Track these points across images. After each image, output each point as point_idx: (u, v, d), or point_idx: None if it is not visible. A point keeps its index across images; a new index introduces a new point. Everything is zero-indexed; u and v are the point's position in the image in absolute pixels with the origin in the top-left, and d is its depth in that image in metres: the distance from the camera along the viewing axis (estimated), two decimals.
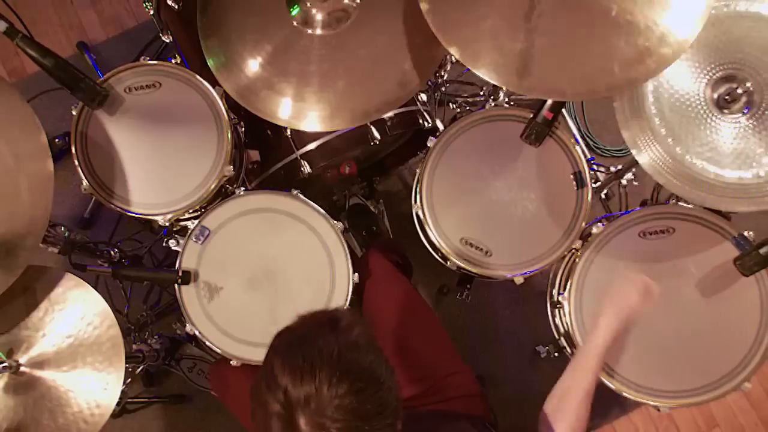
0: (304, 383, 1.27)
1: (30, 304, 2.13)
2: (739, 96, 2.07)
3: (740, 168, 2.08)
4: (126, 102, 2.31)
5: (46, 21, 3.54)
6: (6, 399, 2.06)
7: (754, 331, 2.15)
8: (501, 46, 1.87)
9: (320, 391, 1.26)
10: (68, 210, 3.28)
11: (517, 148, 2.30)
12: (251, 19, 2.16)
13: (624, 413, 3.15)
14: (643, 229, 2.22)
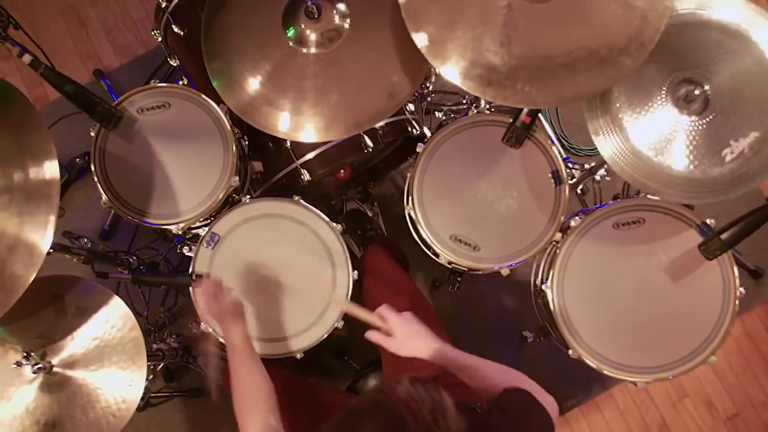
0: None
1: (59, 310, 2.15)
2: (697, 97, 2.06)
3: (700, 163, 2.08)
4: (139, 122, 2.32)
5: (64, 51, 3.55)
6: (42, 396, 2.09)
7: (718, 309, 2.17)
8: (475, 57, 1.87)
9: None
10: (90, 223, 3.27)
11: (499, 151, 2.30)
12: (250, 42, 2.17)
13: (605, 389, 3.15)
14: (616, 220, 2.22)
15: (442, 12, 1.90)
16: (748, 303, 3.21)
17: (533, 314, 2.46)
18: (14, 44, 2.02)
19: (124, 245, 3.20)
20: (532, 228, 2.26)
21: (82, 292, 2.18)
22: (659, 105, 2.10)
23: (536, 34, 1.89)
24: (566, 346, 2.19)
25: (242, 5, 2.21)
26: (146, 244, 3.14)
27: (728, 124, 2.06)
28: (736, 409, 3.17)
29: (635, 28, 1.85)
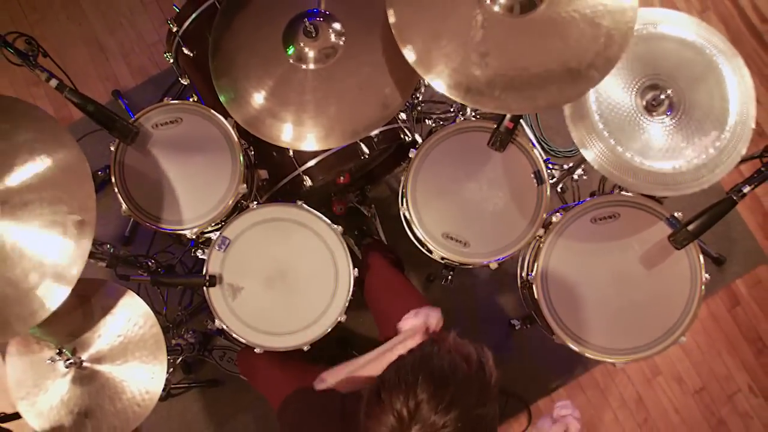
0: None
1: (87, 311, 2.17)
2: (663, 101, 2.14)
3: (668, 160, 2.13)
4: (154, 136, 2.32)
5: (86, 75, 3.56)
6: (74, 389, 2.12)
7: (686, 294, 2.19)
8: (457, 68, 1.88)
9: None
10: (111, 230, 3.29)
11: (485, 154, 2.30)
12: (254, 60, 2.17)
13: (586, 370, 3.16)
14: (593, 215, 2.23)
15: (427, 29, 1.91)
16: (712, 287, 3.23)
17: (520, 304, 2.47)
18: (43, 70, 2.04)
19: (143, 250, 3.20)
20: (518, 225, 2.26)
21: (107, 294, 2.19)
22: (631, 109, 2.16)
23: (513, 47, 1.89)
24: (551, 332, 2.20)
25: (246, 27, 2.22)
26: (163, 248, 3.15)
27: (691, 124, 2.15)
28: (702, 383, 3.20)
29: (602, 44, 1.87)
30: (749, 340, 3.25)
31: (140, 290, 2.27)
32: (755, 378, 3.21)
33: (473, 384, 1.37)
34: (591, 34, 1.87)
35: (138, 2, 3.67)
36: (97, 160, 2.90)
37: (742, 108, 2.15)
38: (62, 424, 2.11)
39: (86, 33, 3.62)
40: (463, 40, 1.89)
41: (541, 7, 1.90)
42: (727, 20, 3.57)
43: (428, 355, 1.42)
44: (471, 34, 1.90)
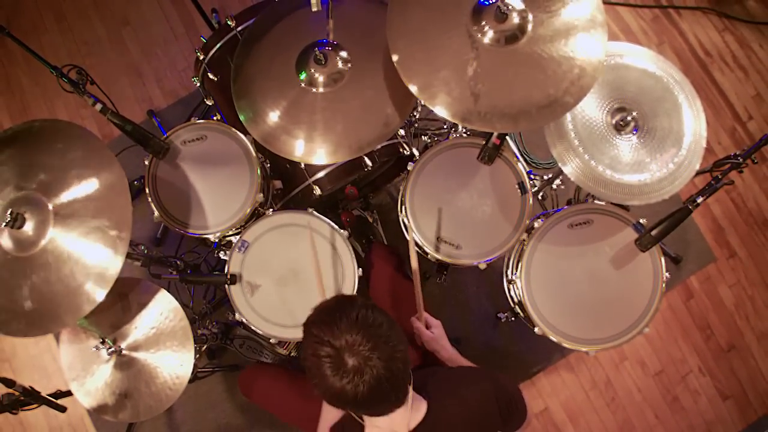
0: (342, 337, 1.38)
1: (125, 306, 2.19)
2: (629, 122, 2.14)
3: (635, 173, 2.13)
4: (182, 152, 2.32)
5: (125, 97, 3.55)
6: (116, 373, 2.16)
7: (650, 291, 2.18)
8: (451, 91, 1.87)
9: (353, 339, 1.38)
10: (145, 233, 3.26)
11: (474, 167, 2.28)
12: (270, 84, 2.16)
13: (563, 357, 3.15)
14: (570, 221, 2.21)
15: (426, 64, 1.90)
16: (670, 283, 3.24)
17: (506, 299, 2.44)
18: (90, 96, 2.10)
19: (172, 251, 3.17)
20: (504, 229, 2.23)
21: (142, 290, 2.20)
22: (603, 127, 2.16)
23: (500, 76, 1.88)
24: (533, 325, 2.17)
25: (264, 55, 2.20)
26: (190, 249, 3.13)
27: (654, 142, 2.16)
28: (661, 366, 3.21)
29: (576, 76, 1.88)
30: (700, 328, 3.26)
31: (170, 287, 2.26)
32: (704, 360, 3.22)
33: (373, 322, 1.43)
34: (567, 65, 1.88)
35: (171, 34, 3.66)
36: (134, 170, 2.88)
37: (695, 129, 2.17)
38: (106, 403, 2.15)
39: (127, 62, 3.63)
40: (459, 70, 1.88)
41: (523, 40, 1.90)
42: (679, 52, 3.60)
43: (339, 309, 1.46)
44: (465, 65, 1.88)
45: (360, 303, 1.46)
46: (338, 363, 1.37)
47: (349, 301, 1.48)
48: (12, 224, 1.86)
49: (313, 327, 1.43)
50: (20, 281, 1.88)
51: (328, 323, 1.41)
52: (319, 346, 1.39)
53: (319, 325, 1.42)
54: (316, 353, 1.39)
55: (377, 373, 1.37)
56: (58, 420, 3.13)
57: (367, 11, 2.22)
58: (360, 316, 1.41)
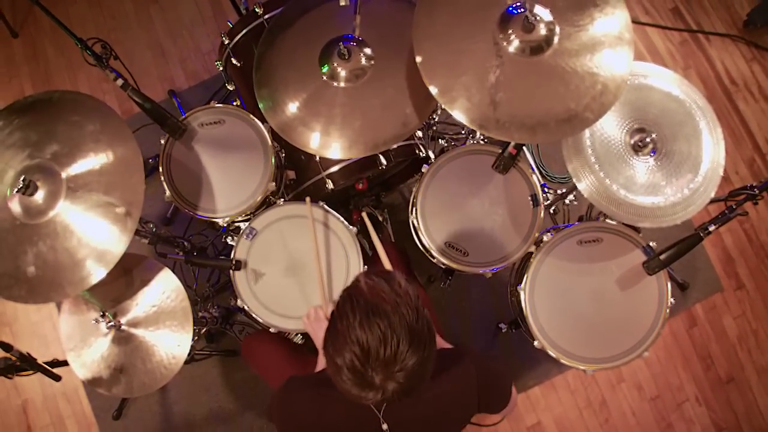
0: (386, 348, 1.23)
1: (129, 282, 2.21)
2: (648, 143, 2.12)
3: (649, 195, 2.11)
4: (199, 134, 2.32)
5: (148, 74, 3.57)
6: (113, 347, 2.18)
7: (653, 315, 2.16)
8: (471, 96, 1.85)
9: (397, 356, 1.24)
10: (156, 211, 3.27)
11: (489, 175, 2.27)
12: (292, 74, 2.15)
13: (560, 373, 3.14)
14: (580, 238, 2.20)
15: (449, 67, 1.88)
16: (675, 309, 3.22)
17: (508, 310, 2.45)
18: (112, 71, 2.09)
19: (180, 231, 3.17)
20: (512, 240, 2.22)
21: (147, 268, 2.22)
22: (620, 147, 2.14)
23: (522, 86, 1.87)
24: (532, 338, 2.16)
25: (288, 45, 2.19)
26: (198, 232, 3.13)
27: (671, 166, 2.13)
28: (658, 392, 3.18)
29: (598, 92, 1.86)
30: (701, 357, 3.23)
31: (175, 267, 2.26)
32: (701, 389, 3.19)
33: (399, 311, 1.28)
34: (590, 81, 1.86)
35: (198, 16, 3.68)
36: (149, 149, 2.89)
37: (714, 156, 2.15)
38: (101, 376, 2.17)
39: (152, 39, 3.65)
40: (481, 77, 1.87)
41: (548, 52, 1.88)
42: (705, 78, 3.57)
43: (352, 304, 1.31)
44: (487, 72, 1.87)
45: (416, 304, 1.31)
46: (362, 380, 1.26)
47: (406, 301, 1.30)
48: (24, 191, 1.87)
49: (353, 312, 1.28)
50: (26, 247, 1.89)
51: (371, 322, 1.26)
52: (348, 345, 1.26)
53: (361, 318, 1.27)
54: (342, 348, 1.27)
55: (397, 389, 1.27)
56: (53, 388, 3.15)
57: (394, 10, 2.21)
58: (412, 326, 1.27)
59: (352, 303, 1.31)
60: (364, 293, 1.32)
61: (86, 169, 1.92)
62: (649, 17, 3.62)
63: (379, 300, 1.29)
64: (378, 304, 1.28)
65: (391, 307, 1.27)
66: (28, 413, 3.15)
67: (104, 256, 1.87)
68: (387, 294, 1.30)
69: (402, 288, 1.32)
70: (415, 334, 1.26)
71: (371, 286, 1.33)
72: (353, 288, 1.36)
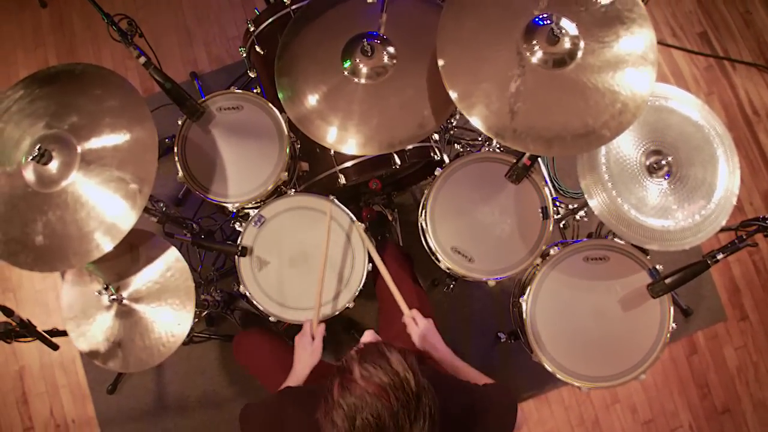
0: None
1: (134, 257, 2.22)
2: (663, 166, 2.12)
3: (659, 218, 2.10)
4: (216, 118, 2.33)
5: (172, 55, 3.60)
6: (114, 320, 2.19)
7: (653, 339, 2.16)
8: (490, 104, 1.85)
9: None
10: (168, 191, 3.29)
11: (501, 184, 2.26)
12: (313, 67, 2.15)
13: (556, 388, 3.13)
14: (587, 255, 2.19)
15: (471, 73, 1.88)
16: (676, 335, 3.16)
17: (508, 320, 2.44)
18: (135, 48, 2.09)
19: (190, 213, 3.18)
20: (519, 251, 2.21)
21: (153, 245, 2.23)
22: (635, 167, 2.13)
23: (541, 97, 1.86)
24: (530, 350, 2.16)
25: (312, 37, 2.20)
26: (208, 215, 3.14)
27: (684, 191, 2.13)
28: (652, 416, 3.17)
29: (617, 110, 1.84)
30: (698, 385, 3.22)
31: (182, 248, 2.26)
32: (696, 418, 3.18)
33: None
34: (610, 99, 1.85)
35: (227, 1, 3.71)
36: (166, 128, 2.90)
37: (728, 185, 2.14)
38: (99, 349, 2.19)
39: (179, 20, 3.67)
40: (501, 85, 1.86)
41: (571, 66, 1.87)
42: (727, 105, 3.55)
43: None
44: (508, 81, 1.86)
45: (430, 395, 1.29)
46: None
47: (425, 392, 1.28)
48: (38, 159, 1.88)
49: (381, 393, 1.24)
50: (36, 216, 1.91)
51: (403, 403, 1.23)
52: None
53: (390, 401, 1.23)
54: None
55: None
56: (50, 357, 3.17)
57: (421, 12, 2.21)
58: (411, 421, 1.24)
59: (342, 391, 1.27)
60: (358, 386, 1.26)
61: (102, 144, 1.94)
62: (676, 40, 3.60)
63: (375, 399, 1.24)
64: (373, 404, 1.23)
65: (388, 410, 1.22)
66: (24, 380, 3.18)
67: (112, 230, 1.88)
68: (384, 391, 1.25)
69: (401, 376, 1.26)
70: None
71: (366, 377, 1.27)
72: (346, 377, 1.29)
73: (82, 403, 3.15)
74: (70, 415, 3.15)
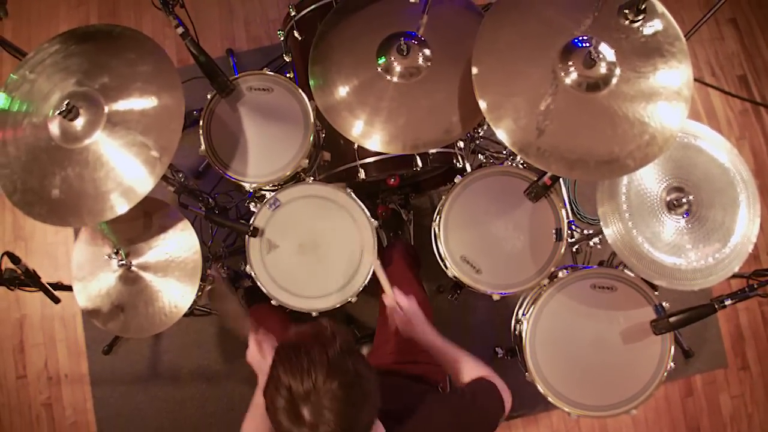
0: (305, 382, 1.26)
1: (147, 225, 2.25)
2: (683, 204, 2.10)
3: (672, 255, 2.08)
4: (245, 97, 2.34)
5: (211, 29, 3.62)
6: (119, 285, 2.22)
7: (649, 376, 2.14)
8: (518, 119, 1.84)
9: (317, 387, 1.26)
10: (189, 162, 3.32)
11: (519, 200, 2.25)
12: (348, 59, 2.15)
13: (546, 410, 3.12)
14: (595, 282, 2.17)
15: (502, 84, 1.87)
16: (674, 374, 3.10)
17: (508, 335, 2.42)
18: (175, 18, 2.10)
19: (208, 188, 3.21)
20: (528, 269, 2.21)
21: (167, 215, 2.25)
22: (655, 201, 2.12)
23: (570, 118, 1.85)
24: (525, 369, 2.15)
25: (350, 30, 2.20)
26: (225, 191, 3.16)
27: (701, 231, 2.11)
28: None
29: (645, 142, 1.83)
30: (689, 428, 3.19)
31: (194, 221, 2.27)
32: None
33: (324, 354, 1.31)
34: (638, 129, 1.84)
35: None
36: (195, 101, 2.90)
37: (746, 232, 2.12)
38: (101, 309, 2.22)
39: None
40: (532, 102, 1.85)
41: (604, 91, 1.86)
42: (757, 152, 3.52)
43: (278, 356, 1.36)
44: (540, 99, 1.85)
45: (341, 343, 1.34)
46: (294, 412, 1.28)
47: (327, 338, 1.35)
48: (65, 114, 1.90)
49: (279, 359, 1.34)
50: (55, 169, 1.92)
51: (293, 361, 1.31)
52: (277, 393, 1.29)
53: (284, 360, 1.32)
54: (273, 400, 1.31)
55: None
56: (52, 310, 3.20)
57: (462, 19, 2.20)
58: (332, 359, 1.30)
59: (278, 350, 1.37)
60: (290, 339, 1.37)
61: (129, 107, 1.95)
62: (714, 79, 3.57)
63: (301, 341, 1.34)
64: (299, 344, 1.33)
65: (311, 346, 1.31)
66: (24, 328, 3.22)
67: (128, 193, 1.89)
68: (309, 336, 1.35)
69: (328, 331, 1.36)
70: (336, 368, 1.28)
71: (298, 332, 1.39)
72: (284, 340, 1.41)
73: (76, 360, 3.18)
74: (63, 369, 3.18)
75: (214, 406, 3.10)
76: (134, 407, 3.11)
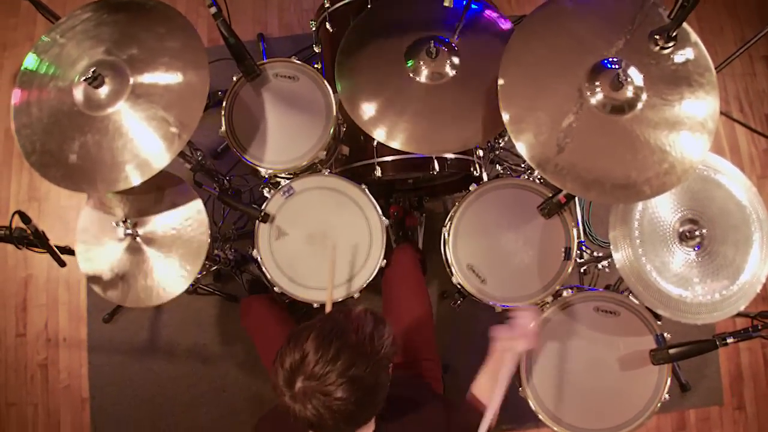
0: (319, 365, 1.31)
1: (158, 198, 2.23)
2: (696, 236, 2.08)
3: (679, 286, 2.07)
4: (271, 83, 2.34)
5: (244, 13, 3.64)
6: (123, 254, 2.21)
7: (643, 404, 2.11)
8: (539, 134, 1.83)
9: (327, 379, 1.30)
10: (209, 142, 3.32)
11: (531, 214, 2.25)
12: (377, 57, 2.16)
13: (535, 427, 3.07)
14: (598, 305, 2.16)
15: (527, 98, 1.87)
16: (668, 406, 3.07)
17: None
18: None
19: (224, 169, 3.20)
20: (533, 285, 2.20)
21: (180, 191, 2.24)
22: (668, 230, 2.11)
23: (591, 139, 1.84)
24: (519, 384, 2.14)
25: (383, 27, 2.21)
26: (241, 174, 3.16)
27: (710, 266, 2.09)
28: None
29: (663, 170, 1.82)
30: None
31: (207, 201, 2.28)
32: None
33: (359, 349, 1.35)
34: (658, 157, 1.83)
35: None
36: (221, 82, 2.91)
37: (756, 272, 2.10)
38: (101, 276, 2.21)
39: None
40: (555, 118, 1.85)
41: (628, 115, 1.85)
42: None
43: (322, 321, 1.41)
44: (563, 116, 1.85)
45: (356, 316, 1.41)
46: (289, 381, 1.33)
47: (365, 337, 1.38)
48: (91, 81, 1.91)
49: (317, 329, 1.37)
50: (75, 134, 1.94)
51: (325, 337, 1.34)
52: (280, 355, 1.36)
53: (319, 334, 1.36)
54: (290, 352, 1.35)
55: (320, 408, 1.31)
56: (58, 273, 3.22)
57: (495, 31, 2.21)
58: (334, 330, 1.36)
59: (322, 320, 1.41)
60: (336, 317, 1.42)
61: (155, 80, 1.96)
62: (742, 115, 3.54)
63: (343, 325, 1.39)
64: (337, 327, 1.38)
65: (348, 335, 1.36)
66: (28, 288, 3.24)
67: (144, 166, 1.91)
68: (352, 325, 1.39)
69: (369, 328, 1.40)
70: (356, 379, 1.32)
71: (348, 312, 1.43)
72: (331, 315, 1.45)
73: (76, 325, 3.20)
74: (63, 332, 3.20)
75: (207, 386, 3.10)
76: (128, 378, 3.12)
